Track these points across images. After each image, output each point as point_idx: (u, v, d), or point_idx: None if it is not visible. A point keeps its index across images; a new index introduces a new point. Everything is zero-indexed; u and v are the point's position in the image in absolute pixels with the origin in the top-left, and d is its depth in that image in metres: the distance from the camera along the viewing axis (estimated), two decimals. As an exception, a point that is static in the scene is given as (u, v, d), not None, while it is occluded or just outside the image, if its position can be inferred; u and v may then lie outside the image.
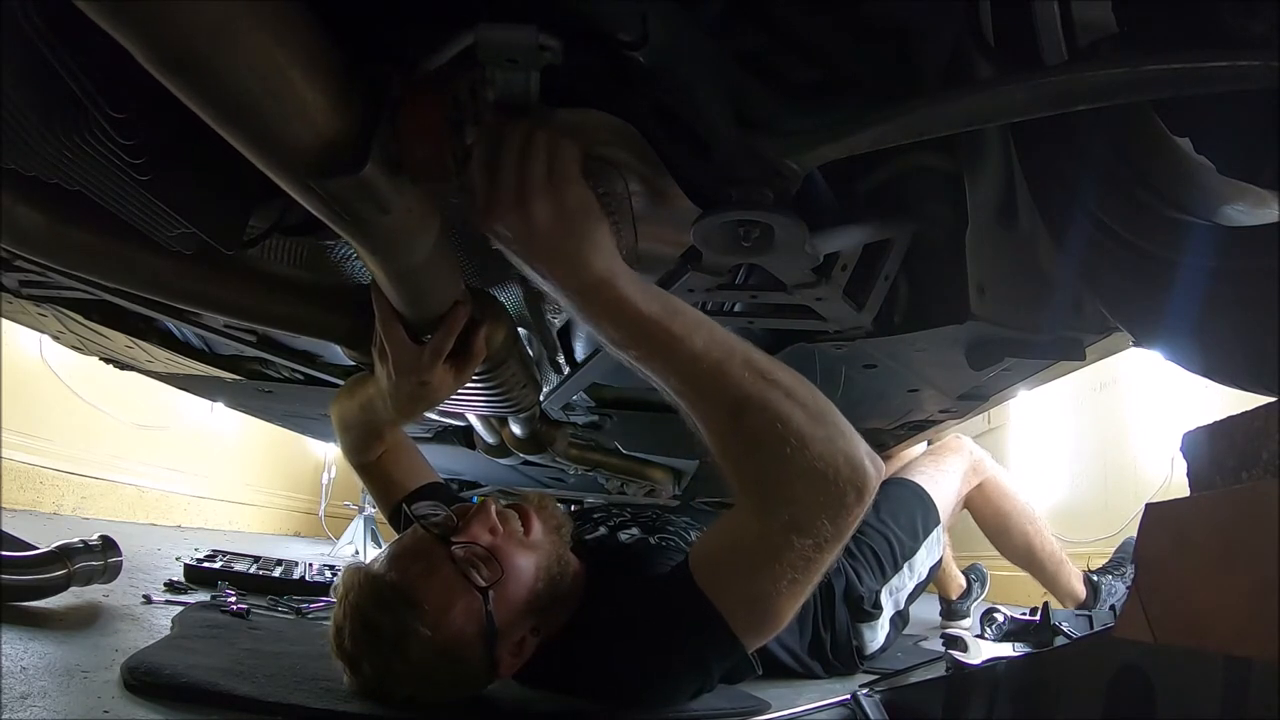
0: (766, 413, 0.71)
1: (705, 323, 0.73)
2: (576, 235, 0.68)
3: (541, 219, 0.66)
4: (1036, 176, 0.85)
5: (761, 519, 0.77)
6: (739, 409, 0.72)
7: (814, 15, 0.71)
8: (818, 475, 0.71)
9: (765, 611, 0.82)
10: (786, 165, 0.69)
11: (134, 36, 0.43)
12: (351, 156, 0.55)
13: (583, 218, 0.68)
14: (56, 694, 0.74)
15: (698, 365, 0.71)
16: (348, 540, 3.64)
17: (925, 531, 1.54)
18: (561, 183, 0.66)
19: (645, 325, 0.70)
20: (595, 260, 0.68)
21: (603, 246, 0.69)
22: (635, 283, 0.71)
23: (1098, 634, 1.38)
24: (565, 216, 0.67)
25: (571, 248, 0.68)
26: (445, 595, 0.84)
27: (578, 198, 0.67)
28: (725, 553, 0.84)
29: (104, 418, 3.24)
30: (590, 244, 0.68)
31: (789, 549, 0.75)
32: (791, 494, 0.73)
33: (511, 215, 0.66)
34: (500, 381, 1.09)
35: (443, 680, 0.86)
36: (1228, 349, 0.67)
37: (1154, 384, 2.80)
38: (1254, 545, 0.49)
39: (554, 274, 0.69)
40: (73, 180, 0.61)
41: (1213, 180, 0.65)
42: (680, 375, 0.73)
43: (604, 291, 0.69)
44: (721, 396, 0.72)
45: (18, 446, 2.82)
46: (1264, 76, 0.49)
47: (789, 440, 0.70)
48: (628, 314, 0.70)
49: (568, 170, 0.67)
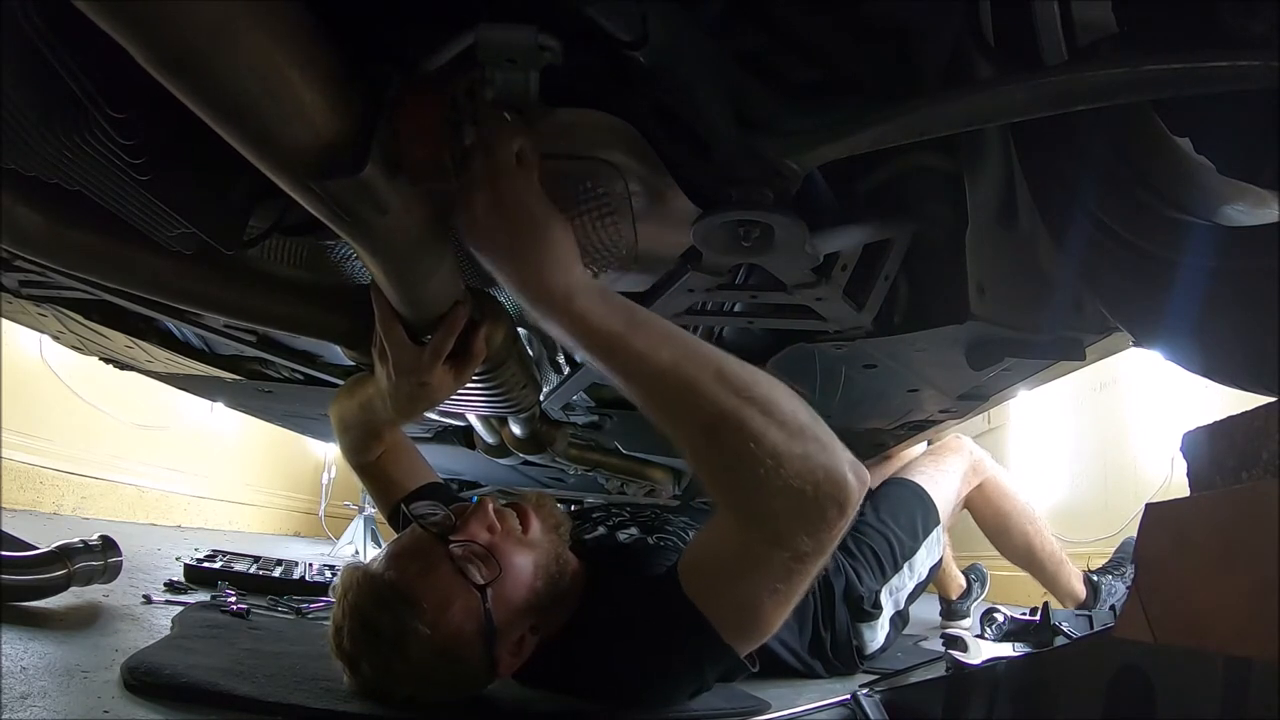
0: (741, 432, 0.68)
1: (675, 336, 0.71)
2: (528, 243, 0.66)
3: (479, 212, 0.65)
4: (1036, 176, 0.85)
5: (741, 532, 0.76)
6: (712, 428, 0.69)
7: (814, 15, 0.71)
8: (794, 493, 0.69)
9: (751, 619, 0.82)
10: (786, 165, 0.69)
11: (132, 36, 0.43)
12: (351, 157, 0.55)
13: (529, 222, 0.66)
14: (56, 694, 0.74)
15: (664, 381, 0.69)
16: (348, 540, 3.64)
17: (925, 531, 1.54)
18: (496, 176, 0.64)
19: (604, 340, 0.68)
20: (550, 272, 0.67)
21: (558, 257, 0.68)
22: (594, 295, 0.69)
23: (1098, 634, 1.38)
24: (503, 211, 0.65)
25: (525, 256, 0.66)
26: (444, 594, 0.84)
27: (517, 192, 0.66)
28: (710, 561, 0.83)
29: (104, 418, 3.24)
30: (545, 254, 0.67)
31: (770, 561, 0.75)
32: (769, 510, 0.71)
33: (459, 209, 0.66)
34: (500, 382, 1.09)
35: (442, 679, 0.86)
36: (1228, 349, 0.67)
37: (1154, 384, 2.80)
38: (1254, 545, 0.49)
39: (510, 281, 0.68)
40: (73, 180, 0.61)
41: (1213, 180, 0.65)
42: (645, 391, 0.71)
43: (559, 305, 0.67)
44: (693, 414, 0.70)
45: (18, 446, 2.81)
46: (1264, 76, 0.49)
47: (763, 460, 0.68)
48: (584, 328, 0.68)
49: (501, 163, 0.64)
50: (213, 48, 0.45)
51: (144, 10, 0.42)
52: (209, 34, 0.44)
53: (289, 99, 0.50)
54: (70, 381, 3.03)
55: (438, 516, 0.91)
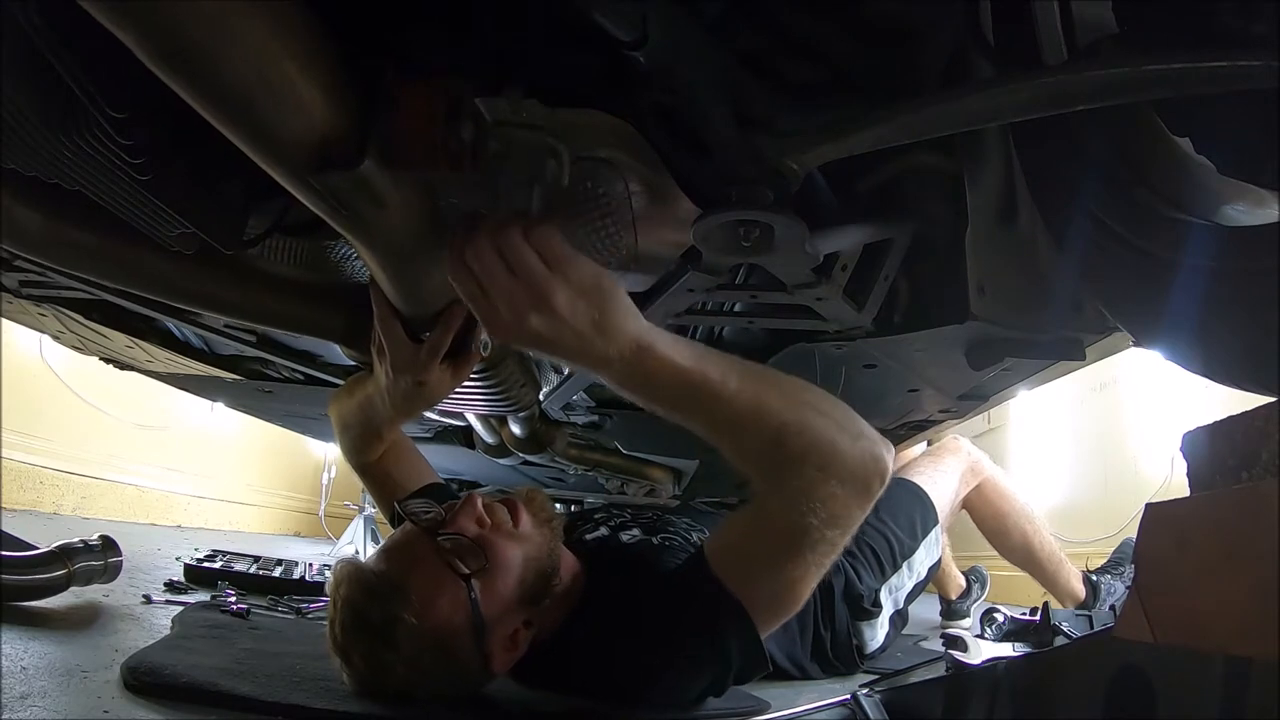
0: (805, 434, 0.75)
1: (727, 358, 0.75)
2: (603, 309, 0.68)
3: (567, 311, 0.66)
4: (1036, 176, 0.85)
5: (797, 517, 0.79)
6: (779, 436, 0.75)
7: (814, 15, 0.71)
8: (851, 476, 0.77)
9: (789, 595, 0.85)
10: (786, 165, 0.69)
11: (129, 29, 0.43)
12: (349, 151, 0.55)
13: (598, 289, 0.68)
14: (56, 694, 0.74)
15: (736, 404, 0.74)
16: (348, 540, 3.63)
17: (924, 531, 1.54)
18: (566, 266, 0.66)
19: (688, 378, 0.71)
20: (629, 326, 0.69)
21: (628, 309, 0.70)
22: (665, 336, 0.72)
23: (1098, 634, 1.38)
24: (586, 295, 0.67)
25: (603, 323, 0.68)
26: (431, 585, 0.85)
27: (586, 272, 0.67)
28: (751, 544, 0.86)
29: (104, 418, 3.23)
30: (618, 311, 0.69)
31: (821, 540, 0.79)
32: (829, 494, 0.77)
33: (534, 322, 0.66)
34: (499, 380, 1.09)
35: (433, 671, 0.86)
36: (1228, 349, 0.67)
37: (1154, 384, 2.80)
38: (1254, 545, 0.49)
39: (590, 355, 0.69)
40: (73, 180, 0.61)
41: (1213, 180, 0.65)
42: (725, 418, 0.75)
43: (644, 356, 0.70)
44: (763, 428, 0.75)
45: (18, 446, 2.81)
46: (1264, 76, 0.49)
47: (827, 453, 0.76)
48: (670, 371, 0.70)
49: (562, 251, 0.66)
50: (210, 41, 0.45)
51: (142, 5, 0.42)
52: (206, 27, 0.44)
53: (286, 92, 0.50)
54: (70, 381, 3.03)
55: (429, 512, 0.92)
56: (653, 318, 0.91)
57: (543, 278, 0.65)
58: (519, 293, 0.65)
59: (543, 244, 0.65)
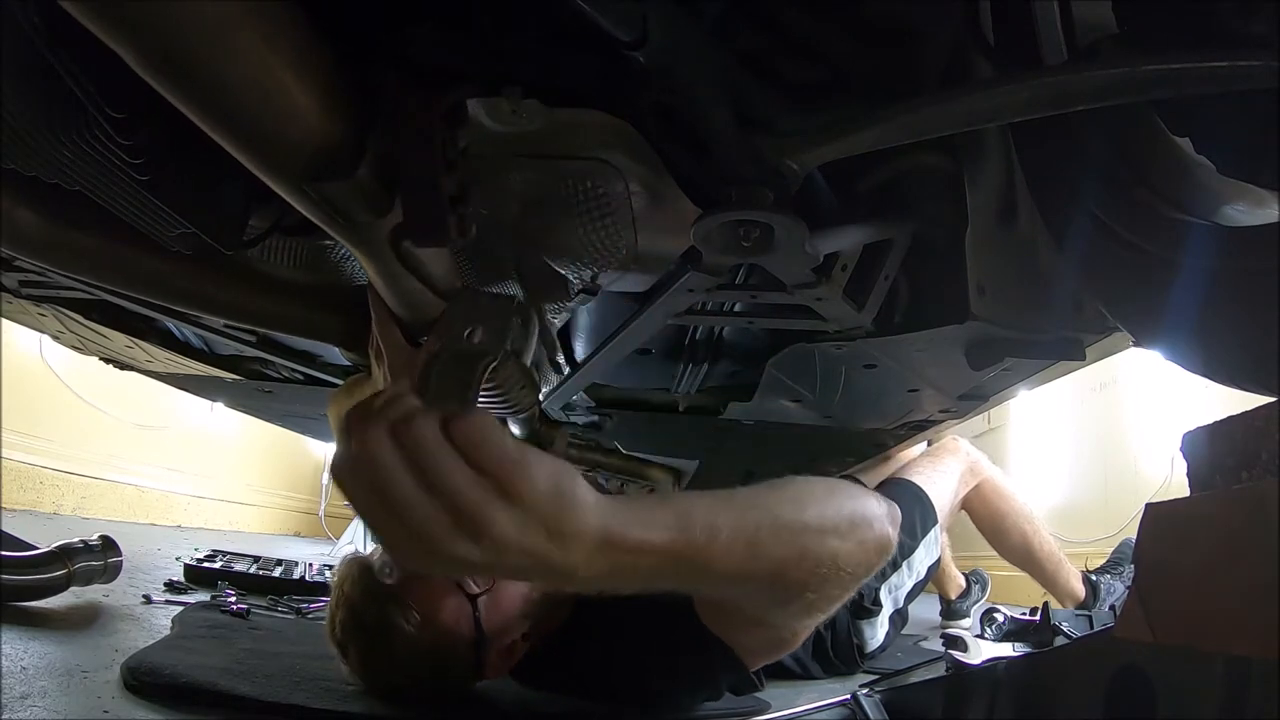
0: (805, 562, 0.68)
1: (717, 504, 0.62)
2: (560, 515, 0.49)
3: (513, 535, 0.47)
4: (1036, 176, 0.85)
5: (798, 619, 0.79)
6: (779, 573, 0.67)
7: (814, 15, 0.71)
8: (853, 576, 0.72)
9: (782, 644, 0.85)
10: (786, 165, 0.69)
11: (120, 38, 0.43)
12: (345, 159, 0.55)
13: (556, 495, 0.49)
14: (56, 694, 0.74)
15: (729, 561, 0.62)
16: (348, 540, 3.63)
17: (923, 530, 1.55)
18: (513, 478, 0.47)
19: (668, 553, 0.57)
20: (590, 523, 0.51)
21: (587, 504, 0.51)
22: (634, 514, 0.55)
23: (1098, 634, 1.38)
24: (540, 508, 0.48)
25: (560, 530, 0.49)
26: (434, 598, 0.85)
27: (540, 478, 0.48)
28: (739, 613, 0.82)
29: (104, 418, 3.23)
30: (577, 511, 0.50)
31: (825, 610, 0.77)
32: (831, 595, 0.73)
33: (463, 551, 0.46)
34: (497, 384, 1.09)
35: (425, 676, 0.87)
36: (1228, 349, 0.67)
37: (1154, 384, 2.80)
38: (1254, 545, 0.49)
39: (544, 571, 0.51)
40: (73, 180, 0.61)
41: (1213, 180, 0.65)
42: (717, 576, 0.63)
43: (613, 551, 0.53)
44: (759, 571, 0.65)
45: (18, 446, 2.81)
46: (1264, 76, 0.49)
47: (829, 571, 0.69)
48: (647, 555, 0.55)
49: (504, 453, 0.48)
50: (204, 49, 0.44)
51: (132, 11, 0.42)
52: (200, 35, 0.44)
53: (282, 101, 0.50)
54: (70, 381, 3.03)
55: None
56: (653, 318, 0.91)
57: (475, 504, 0.45)
58: (439, 520, 0.45)
59: (475, 444, 0.46)
